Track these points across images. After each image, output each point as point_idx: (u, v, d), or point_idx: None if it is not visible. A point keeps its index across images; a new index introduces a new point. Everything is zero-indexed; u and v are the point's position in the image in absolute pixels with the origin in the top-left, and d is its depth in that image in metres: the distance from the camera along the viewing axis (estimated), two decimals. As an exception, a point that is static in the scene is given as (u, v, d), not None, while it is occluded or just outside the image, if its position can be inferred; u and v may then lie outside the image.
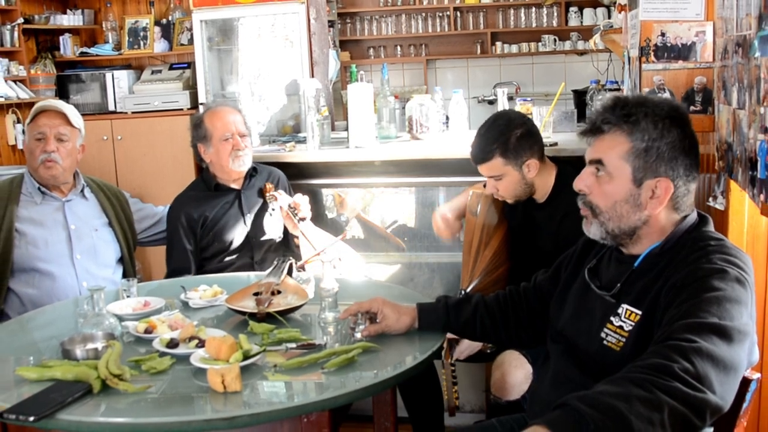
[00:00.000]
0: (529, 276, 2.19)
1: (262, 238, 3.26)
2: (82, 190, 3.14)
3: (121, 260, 3.19)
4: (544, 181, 2.69)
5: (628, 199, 1.73)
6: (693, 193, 1.76)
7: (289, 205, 3.13)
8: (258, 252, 3.25)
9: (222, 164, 3.20)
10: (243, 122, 3.27)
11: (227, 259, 3.23)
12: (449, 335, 2.40)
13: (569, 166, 2.75)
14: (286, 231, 3.28)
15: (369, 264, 3.62)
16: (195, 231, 3.20)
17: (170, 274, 3.18)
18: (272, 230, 3.27)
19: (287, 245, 3.31)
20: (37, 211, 3.02)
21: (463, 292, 2.78)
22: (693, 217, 1.76)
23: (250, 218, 3.25)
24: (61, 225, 3.04)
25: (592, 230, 1.81)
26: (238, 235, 3.23)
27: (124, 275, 3.13)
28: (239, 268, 3.19)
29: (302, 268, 2.84)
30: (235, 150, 3.18)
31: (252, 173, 3.30)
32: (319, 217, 3.68)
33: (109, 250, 3.13)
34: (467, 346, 2.60)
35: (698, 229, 1.74)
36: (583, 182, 1.79)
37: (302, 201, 3.18)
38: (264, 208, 3.27)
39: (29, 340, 2.34)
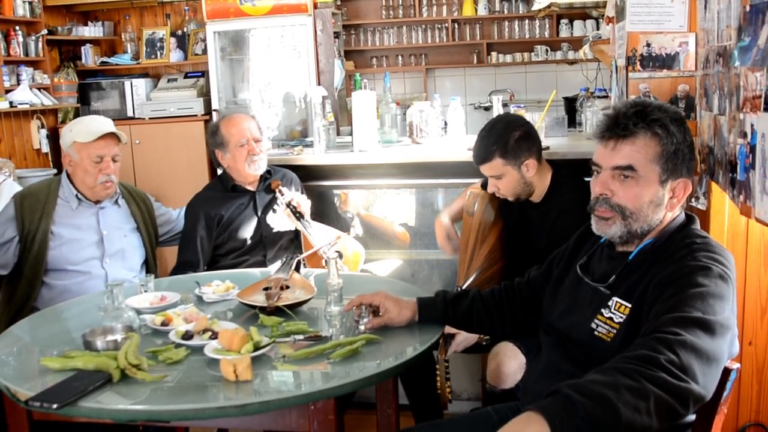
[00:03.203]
0: (522, 272, 2.19)
1: (275, 234, 3.25)
2: (116, 199, 3.12)
3: (145, 262, 3.18)
4: (541, 181, 2.68)
5: (654, 199, 1.71)
6: None
7: (288, 202, 3.13)
8: (270, 250, 3.24)
9: (239, 168, 3.20)
10: (257, 128, 3.26)
11: (241, 257, 3.23)
12: (445, 330, 2.40)
13: (563, 168, 2.74)
14: (298, 230, 3.28)
15: (371, 261, 3.62)
16: (211, 229, 3.19)
17: (180, 265, 3.18)
18: (282, 225, 3.26)
19: (299, 244, 3.30)
20: (73, 215, 3.00)
21: (459, 290, 2.77)
22: (681, 216, 1.76)
23: (263, 218, 3.24)
24: (93, 230, 3.02)
25: (612, 230, 1.75)
26: (251, 234, 3.22)
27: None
28: (252, 265, 3.18)
29: (304, 263, 2.83)
30: (250, 155, 3.17)
31: (266, 176, 3.29)
32: (326, 215, 3.68)
33: (136, 254, 3.12)
34: (464, 339, 2.59)
35: (686, 228, 1.74)
36: (606, 186, 1.73)
37: (300, 199, 3.18)
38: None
39: (53, 332, 2.34)
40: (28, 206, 2.94)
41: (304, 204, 3.19)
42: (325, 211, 3.74)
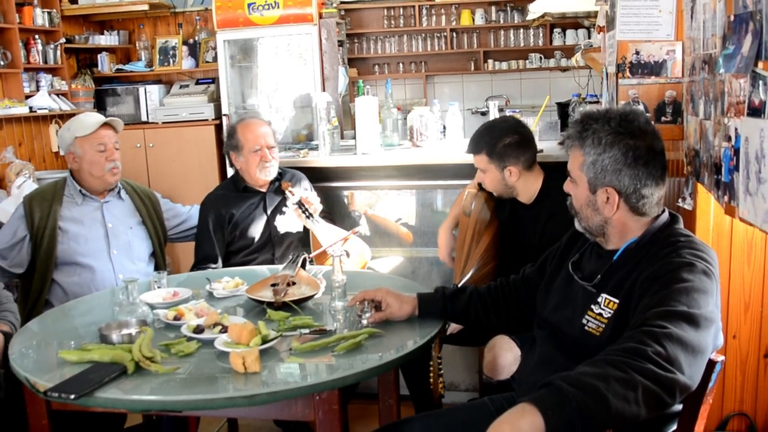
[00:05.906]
0: (514, 270, 2.19)
1: (283, 234, 3.24)
2: (118, 192, 3.15)
3: (153, 255, 3.19)
4: (528, 186, 2.67)
5: (588, 203, 1.78)
6: (655, 197, 1.73)
7: (299, 201, 3.12)
8: (279, 249, 3.24)
9: (250, 172, 3.19)
10: (272, 135, 3.24)
11: (251, 254, 3.22)
12: None
13: (555, 172, 2.74)
14: (307, 229, 3.27)
15: (374, 258, 3.62)
16: (223, 227, 3.19)
17: (200, 261, 3.17)
18: (290, 225, 3.26)
19: (307, 243, 3.30)
20: (79, 211, 3.03)
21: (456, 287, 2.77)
22: (665, 216, 1.76)
23: (272, 219, 3.23)
24: (99, 223, 3.04)
25: (576, 225, 1.87)
26: (261, 233, 3.22)
27: (156, 268, 3.13)
28: (261, 262, 3.17)
29: (312, 261, 2.83)
30: (262, 162, 3.16)
31: (277, 177, 3.28)
32: (333, 213, 3.68)
33: (143, 246, 3.13)
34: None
35: (670, 227, 1.74)
36: (567, 187, 1.85)
37: (310, 197, 3.17)
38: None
39: (70, 326, 2.34)
40: (36, 205, 2.97)
41: (314, 202, 3.17)
42: (332, 209, 3.74)
